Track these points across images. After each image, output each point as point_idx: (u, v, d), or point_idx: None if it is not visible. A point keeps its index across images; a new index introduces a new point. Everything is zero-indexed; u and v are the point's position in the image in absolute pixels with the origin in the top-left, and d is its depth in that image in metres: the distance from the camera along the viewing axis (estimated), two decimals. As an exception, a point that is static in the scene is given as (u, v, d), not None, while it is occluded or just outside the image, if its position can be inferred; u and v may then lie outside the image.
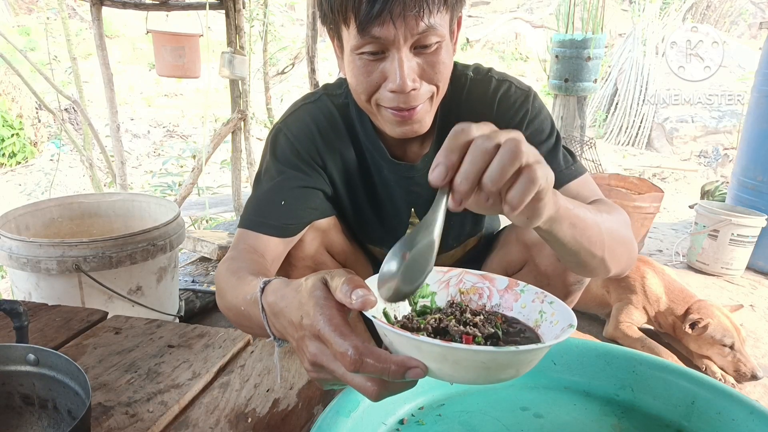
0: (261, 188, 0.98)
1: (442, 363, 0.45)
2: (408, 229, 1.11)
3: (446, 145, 0.50)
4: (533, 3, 11.58)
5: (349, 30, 0.80)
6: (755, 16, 9.72)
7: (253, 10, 4.90)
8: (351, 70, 0.85)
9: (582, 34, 3.25)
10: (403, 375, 0.45)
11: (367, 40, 0.78)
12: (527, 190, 0.50)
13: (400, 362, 0.45)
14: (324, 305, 0.49)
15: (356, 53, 0.81)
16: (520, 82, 1.01)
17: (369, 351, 0.46)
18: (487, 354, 0.45)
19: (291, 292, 0.55)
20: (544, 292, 0.58)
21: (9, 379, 0.65)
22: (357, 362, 0.45)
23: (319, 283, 0.51)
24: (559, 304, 0.56)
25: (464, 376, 0.46)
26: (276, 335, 0.59)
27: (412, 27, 0.76)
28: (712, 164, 6.05)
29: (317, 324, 0.48)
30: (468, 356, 0.45)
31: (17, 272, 1.53)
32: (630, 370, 0.74)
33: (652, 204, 2.56)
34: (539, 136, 0.96)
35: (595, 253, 0.75)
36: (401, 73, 0.79)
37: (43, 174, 5.63)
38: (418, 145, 1.01)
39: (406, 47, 0.79)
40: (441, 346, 0.44)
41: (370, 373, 0.46)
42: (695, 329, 1.72)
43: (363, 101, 0.88)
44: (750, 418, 0.64)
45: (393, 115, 0.85)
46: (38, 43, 8.20)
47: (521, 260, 1.11)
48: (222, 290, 0.78)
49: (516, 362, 0.47)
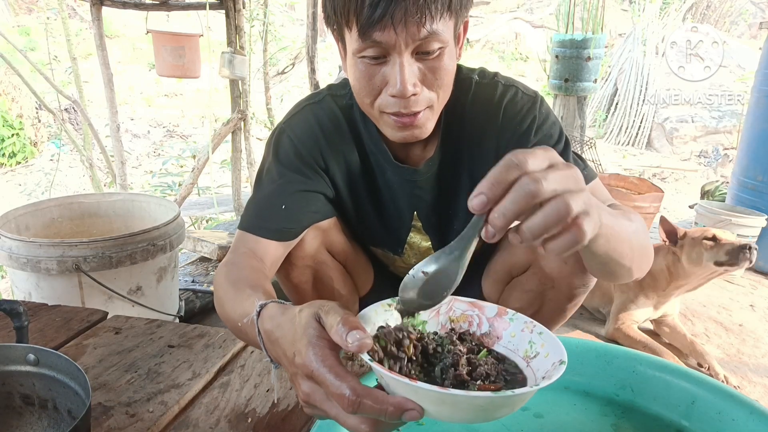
0: (262, 190, 0.97)
1: (440, 406, 0.46)
2: (410, 232, 1.10)
3: (494, 175, 0.47)
4: (533, 3, 11.57)
5: (351, 33, 0.80)
6: (755, 16, 9.72)
7: (253, 10, 4.90)
8: (353, 73, 0.85)
9: (582, 34, 3.25)
10: (400, 416, 0.46)
11: (368, 44, 0.78)
12: (570, 246, 0.49)
13: (397, 404, 0.46)
14: (316, 344, 0.49)
15: (358, 56, 0.81)
16: (527, 87, 1.00)
17: (367, 392, 0.46)
18: (485, 399, 0.46)
19: (286, 323, 0.55)
20: (533, 322, 0.58)
21: (9, 379, 0.65)
22: (355, 403, 0.46)
23: (312, 320, 0.51)
24: (547, 335, 0.55)
25: (461, 417, 0.47)
26: (273, 359, 0.60)
27: (414, 33, 0.76)
28: (712, 164, 6.05)
29: (310, 364, 0.48)
30: (466, 401, 0.46)
31: (17, 272, 1.53)
32: (630, 370, 0.74)
33: (652, 204, 2.56)
34: (548, 142, 0.95)
35: (624, 264, 0.75)
36: (402, 78, 0.78)
37: (43, 174, 5.63)
38: (421, 149, 1.01)
39: (407, 52, 0.78)
40: (438, 392, 0.45)
41: (367, 414, 0.46)
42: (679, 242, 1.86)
43: (366, 105, 0.87)
44: (750, 418, 0.63)
45: (394, 121, 0.85)
46: (38, 43, 8.19)
47: (525, 262, 1.10)
48: (221, 299, 0.78)
49: (511, 403, 0.48)
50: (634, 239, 0.74)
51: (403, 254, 1.14)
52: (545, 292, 1.07)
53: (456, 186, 1.02)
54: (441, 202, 1.05)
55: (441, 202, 1.05)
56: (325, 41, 8.21)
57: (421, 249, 1.13)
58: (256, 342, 0.61)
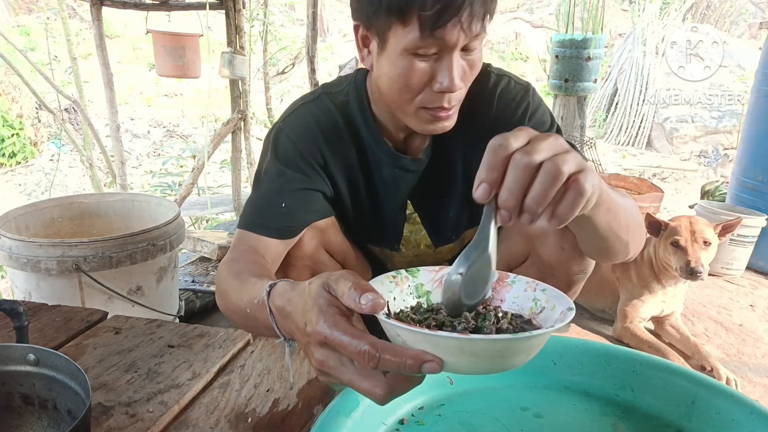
0: (261, 189, 0.97)
1: (459, 356, 0.46)
2: (406, 225, 1.11)
3: (486, 162, 0.49)
4: (533, 3, 11.58)
5: (405, 29, 0.79)
6: (755, 16, 9.72)
7: (253, 10, 4.90)
8: (396, 69, 0.84)
9: (582, 34, 3.25)
10: (419, 369, 0.45)
11: (429, 42, 0.79)
12: (576, 204, 0.50)
13: (416, 356, 0.45)
14: (327, 312, 0.49)
15: (411, 53, 0.81)
16: (518, 77, 1.03)
17: (385, 346, 0.46)
18: (504, 342, 0.46)
19: (296, 297, 0.55)
20: (535, 281, 0.58)
21: (9, 379, 0.65)
22: (375, 357, 0.45)
23: (321, 290, 0.51)
24: (552, 290, 0.56)
25: (480, 366, 0.47)
26: (286, 336, 0.60)
27: (473, 30, 0.78)
28: (712, 164, 6.06)
29: (323, 330, 0.48)
30: (486, 346, 0.46)
31: (17, 272, 1.53)
32: (630, 369, 0.74)
33: (652, 204, 2.56)
34: (541, 128, 0.97)
35: (622, 237, 0.77)
36: (454, 74, 0.81)
37: (43, 174, 5.62)
38: (420, 139, 1.02)
39: (458, 49, 0.81)
40: (459, 339, 0.45)
41: (387, 368, 0.46)
42: (661, 234, 1.88)
43: (404, 101, 0.87)
44: (750, 417, 0.63)
45: (431, 115, 0.87)
46: (38, 43, 8.19)
47: (524, 252, 1.11)
48: (224, 292, 0.78)
49: (528, 348, 0.48)
50: (629, 211, 0.76)
51: (400, 250, 1.15)
52: (545, 280, 1.08)
53: (452, 174, 1.04)
54: (438, 191, 1.06)
55: (438, 191, 1.06)
56: (325, 41, 8.21)
57: (419, 243, 1.14)
58: (267, 325, 0.60)
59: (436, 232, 1.12)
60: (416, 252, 1.16)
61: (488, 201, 0.50)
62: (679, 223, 1.84)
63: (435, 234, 1.12)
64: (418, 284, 0.61)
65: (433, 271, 0.62)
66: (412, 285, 0.60)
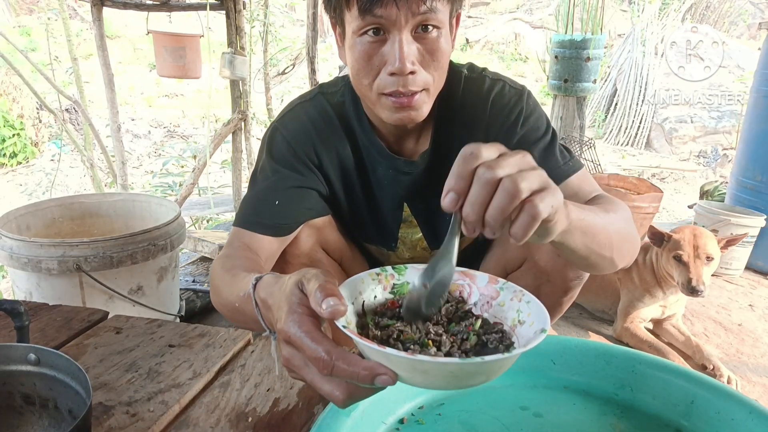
0: (256, 187, 0.98)
1: (412, 372, 0.46)
2: (402, 226, 1.11)
3: (455, 171, 0.50)
4: (533, 3, 11.58)
5: (351, 11, 0.81)
6: (755, 17, 9.72)
7: (253, 11, 4.90)
8: (352, 54, 0.85)
9: (581, 34, 3.25)
10: (372, 381, 0.46)
11: (368, 20, 0.79)
12: (529, 226, 0.50)
13: (369, 368, 0.46)
14: (295, 311, 0.50)
15: (358, 35, 0.82)
16: (514, 81, 1.02)
17: (341, 355, 0.46)
18: (454, 365, 0.45)
19: (277, 291, 0.55)
20: (522, 291, 0.58)
21: (10, 378, 0.65)
22: (329, 365, 0.46)
23: (294, 288, 0.52)
24: (535, 304, 0.55)
25: (434, 383, 0.47)
26: (271, 329, 0.60)
27: (414, 8, 0.78)
28: (711, 164, 6.06)
29: (288, 330, 0.49)
30: (435, 367, 0.45)
31: (18, 272, 1.53)
32: (629, 369, 0.74)
33: (652, 204, 2.56)
34: (535, 134, 0.97)
35: (605, 254, 0.76)
36: (401, 54, 0.80)
37: (44, 174, 5.63)
38: (414, 142, 1.02)
39: (407, 29, 0.80)
40: (408, 359, 0.44)
41: (340, 377, 0.46)
42: (664, 245, 1.86)
43: (365, 87, 0.87)
44: (749, 417, 0.64)
45: (392, 102, 0.86)
46: (39, 44, 8.20)
47: (520, 258, 1.11)
48: (217, 287, 0.79)
49: (484, 371, 0.47)
50: (612, 229, 0.75)
51: (396, 249, 1.15)
52: (541, 286, 1.08)
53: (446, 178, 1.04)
54: (432, 194, 1.06)
55: (432, 194, 1.06)
56: (326, 42, 8.21)
57: (414, 243, 1.14)
58: (254, 319, 0.61)
59: (432, 235, 1.12)
60: (413, 253, 1.16)
61: (455, 210, 0.50)
62: (683, 235, 1.80)
63: (431, 237, 1.12)
64: (403, 282, 0.61)
65: (420, 269, 0.62)
66: (398, 283, 0.61)
